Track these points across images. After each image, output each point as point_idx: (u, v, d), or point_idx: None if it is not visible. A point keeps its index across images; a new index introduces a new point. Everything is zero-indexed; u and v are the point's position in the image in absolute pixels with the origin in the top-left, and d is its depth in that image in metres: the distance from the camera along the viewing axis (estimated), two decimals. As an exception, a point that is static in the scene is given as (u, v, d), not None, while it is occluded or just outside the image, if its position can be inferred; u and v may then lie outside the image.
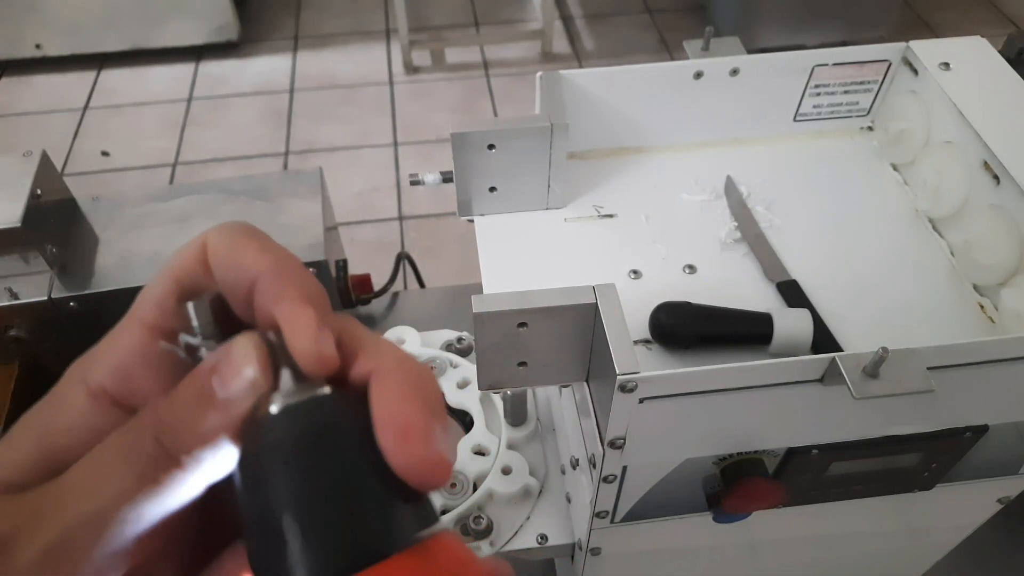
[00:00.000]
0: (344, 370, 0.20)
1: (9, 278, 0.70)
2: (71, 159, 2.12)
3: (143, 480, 0.19)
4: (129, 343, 0.21)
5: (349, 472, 0.19)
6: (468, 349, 0.65)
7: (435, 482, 0.19)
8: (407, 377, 0.20)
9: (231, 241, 0.21)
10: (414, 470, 0.19)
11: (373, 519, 0.19)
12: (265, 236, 0.21)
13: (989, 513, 0.53)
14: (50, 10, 2.23)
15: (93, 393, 0.21)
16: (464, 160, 0.49)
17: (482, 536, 0.54)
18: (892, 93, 0.56)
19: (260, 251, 0.20)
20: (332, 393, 0.20)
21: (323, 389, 0.20)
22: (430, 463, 0.19)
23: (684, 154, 0.57)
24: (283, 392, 0.19)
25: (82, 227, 0.75)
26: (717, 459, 0.43)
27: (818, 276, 0.49)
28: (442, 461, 0.19)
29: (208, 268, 0.21)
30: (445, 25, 2.58)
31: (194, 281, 0.21)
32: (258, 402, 0.19)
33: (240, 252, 0.21)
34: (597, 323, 0.38)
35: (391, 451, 0.19)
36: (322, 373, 0.20)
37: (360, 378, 0.20)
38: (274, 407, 0.19)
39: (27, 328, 0.70)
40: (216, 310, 0.21)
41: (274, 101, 2.30)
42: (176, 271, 0.21)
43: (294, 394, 0.19)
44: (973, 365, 0.37)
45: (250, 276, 0.20)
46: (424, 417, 0.19)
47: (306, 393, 0.19)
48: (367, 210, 1.98)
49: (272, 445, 0.19)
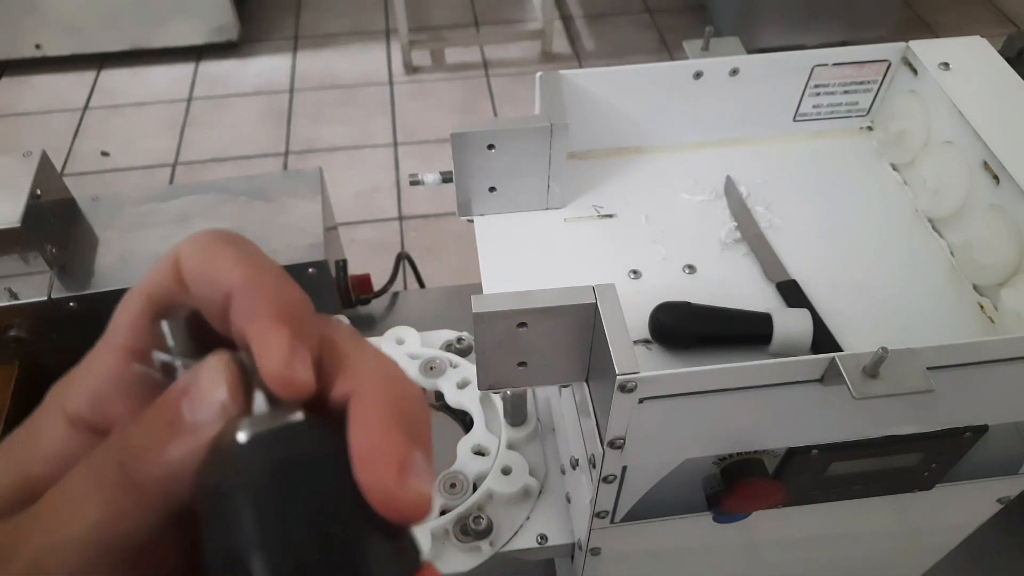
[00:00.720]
0: (325, 389, 0.19)
1: (9, 278, 0.70)
2: (71, 159, 2.12)
3: (108, 508, 0.18)
4: (104, 368, 0.20)
5: (320, 509, 0.17)
6: (468, 349, 0.65)
7: (413, 519, 0.18)
8: (387, 401, 0.19)
9: (204, 254, 0.20)
10: (391, 508, 0.17)
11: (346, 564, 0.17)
12: (242, 243, 0.20)
13: (989, 513, 0.53)
14: (50, 10, 2.23)
15: (71, 420, 0.20)
16: (464, 160, 0.49)
17: (482, 536, 0.54)
18: (892, 93, 0.56)
19: (234, 263, 0.19)
20: (305, 420, 0.18)
21: (295, 415, 0.18)
22: (407, 501, 0.17)
23: (684, 154, 0.57)
24: (250, 420, 0.18)
25: (82, 227, 0.75)
26: (717, 459, 0.43)
27: (818, 276, 0.49)
28: (420, 498, 0.18)
29: (183, 283, 0.20)
30: (445, 25, 2.58)
31: (168, 298, 0.20)
32: (223, 429, 0.18)
33: (213, 266, 0.19)
34: (597, 323, 0.38)
35: (366, 487, 0.17)
36: (295, 398, 0.18)
37: (341, 399, 0.19)
38: (241, 435, 0.18)
39: (27, 328, 0.70)
40: (193, 326, 0.20)
41: (274, 101, 2.30)
42: (148, 289, 0.20)
43: (262, 422, 0.18)
44: (973, 365, 0.37)
45: (224, 291, 0.19)
46: (402, 449, 0.18)
47: (276, 421, 0.18)
48: (367, 210, 1.98)
49: (235, 477, 0.17)
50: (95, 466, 0.19)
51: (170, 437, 0.18)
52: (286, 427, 0.18)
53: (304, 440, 0.18)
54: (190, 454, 0.18)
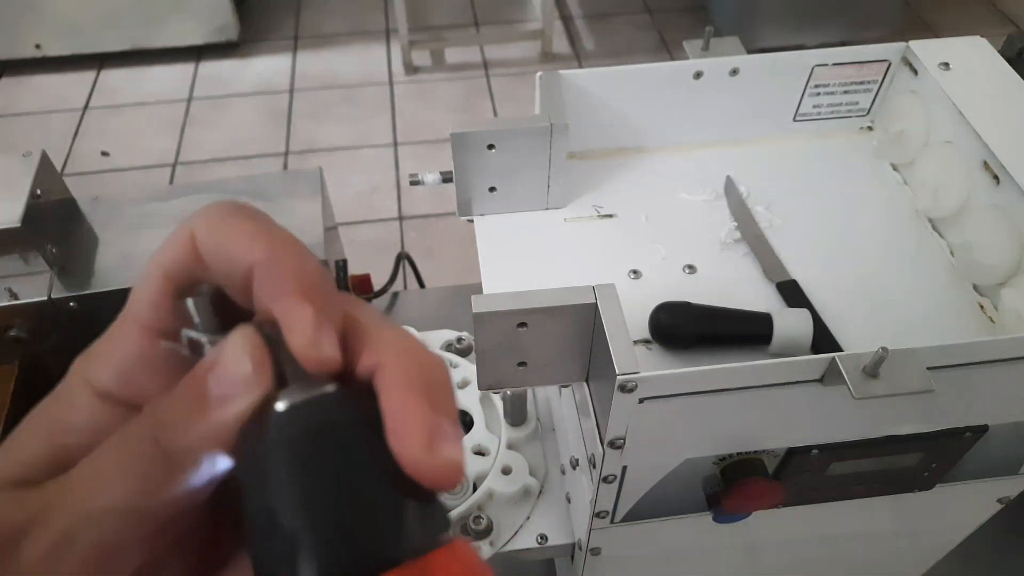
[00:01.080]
0: (350, 363, 0.20)
1: (9, 278, 0.70)
2: (71, 159, 2.12)
3: (143, 480, 0.18)
4: (128, 347, 0.20)
5: (354, 475, 0.18)
6: (468, 349, 0.65)
7: (446, 485, 0.19)
8: (410, 372, 0.19)
9: (219, 229, 0.20)
10: (424, 474, 0.18)
11: (381, 525, 0.18)
12: (257, 215, 0.20)
13: (989, 513, 0.53)
14: (50, 10, 2.23)
15: (99, 394, 0.21)
16: (464, 160, 0.49)
17: (482, 536, 0.54)
18: (892, 93, 0.56)
19: (252, 238, 0.19)
20: (335, 391, 0.19)
21: (326, 387, 0.19)
22: (438, 467, 0.18)
23: (684, 154, 0.57)
24: (283, 392, 0.19)
25: (82, 227, 0.75)
26: (717, 459, 0.43)
27: (818, 276, 0.49)
28: (451, 463, 0.18)
29: (200, 259, 0.20)
30: (445, 25, 2.58)
31: (187, 275, 0.20)
32: (257, 402, 0.18)
33: (230, 241, 0.19)
34: (597, 323, 0.38)
35: (399, 456, 0.18)
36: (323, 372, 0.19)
37: (367, 372, 0.20)
38: (279, 405, 0.18)
39: (27, 328, 0.70)
40: (216, 301, 0.20)
41: (274, 101, 2.30)
42: (166, 267, 0.20)
43: (294, 394, 0.19)
44: (973, 365, 0.37)
45: (244, 267, 0.19)
46: (428, 418, 0.18)
47: (308, 392, 0.19)
48: (367, 210, 1.98)
49: (272, 447, 0.18)
50: (128, 438, 0.19)
51: (200, 411, 0.18)
52: (317, 398, 0.19)
53: (334, 410, 0.19)
54: (221, 427, 0.18)
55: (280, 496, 0.18)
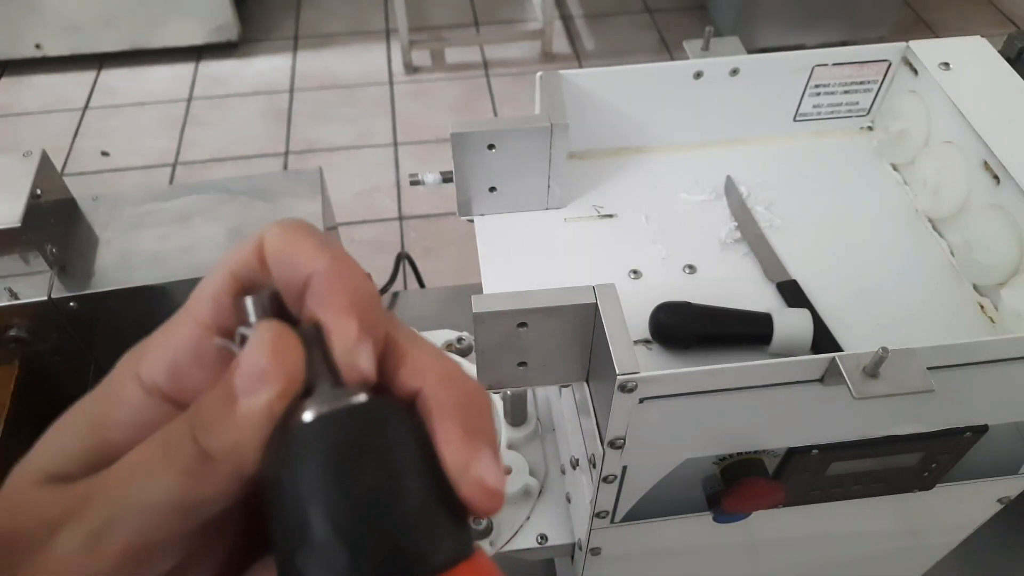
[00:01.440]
0: (387, 383, 0.21)
1: (9, 278, 0.70)
2: (71, 159, 2.12)
3: (183, 477, 0.18)
4: (183, 341, 0.21)
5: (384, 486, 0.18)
6: (468, 349, 0.65)
7: (490, 511, 0.19)
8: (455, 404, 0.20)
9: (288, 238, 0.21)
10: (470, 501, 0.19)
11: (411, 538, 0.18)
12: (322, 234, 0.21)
13: (989, 513, 0.53)
14: (50, 10, 2.23)
15: (147, 389, 0.21)
16: (464, 160, 0.49)
17: (482, 536, 0.54)
18: (892, 93, 0.56)
19: (316, 249, 0.20)
20: (369, 402, 0.19)
21: (359, 397, 0.19)
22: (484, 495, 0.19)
23: (684, 154, 0.57)
24: (316, 399, 0.19)
25: (82, 227, 0.75)
26: (717, 459, 0.43)
27: (818, 276, 0.49)
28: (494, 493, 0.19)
29: (265, 264, 0.21)
30: (445, 25, 2.58)
31: (250, 277, 0.21)
32: (290, 406, 0.19)
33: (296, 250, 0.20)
34: (597, 323, 0.38)
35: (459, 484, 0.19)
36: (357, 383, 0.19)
37: (403, 391, 0.20)
38: (307, 415, 0.18)
39: (27, 328, 0.70)
40: (274, 306, 0.21)
41: (274, 101, 2.30)
42: (232, 266, 0.21)
43: (325, 399, 0.19)
44: (973, 365, 0.37)
45: (304, 275, 0.20)
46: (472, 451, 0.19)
47: (340, 399, 0.19)
48: (367, 210, 1.98)
49: (299, 451, 0.18)
50: (170, 435, 0.19)
51: (228, 407, 0.19)
52: (354, 407, 0.19)
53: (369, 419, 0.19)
54: (247, 423, 0.18)
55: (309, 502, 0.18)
